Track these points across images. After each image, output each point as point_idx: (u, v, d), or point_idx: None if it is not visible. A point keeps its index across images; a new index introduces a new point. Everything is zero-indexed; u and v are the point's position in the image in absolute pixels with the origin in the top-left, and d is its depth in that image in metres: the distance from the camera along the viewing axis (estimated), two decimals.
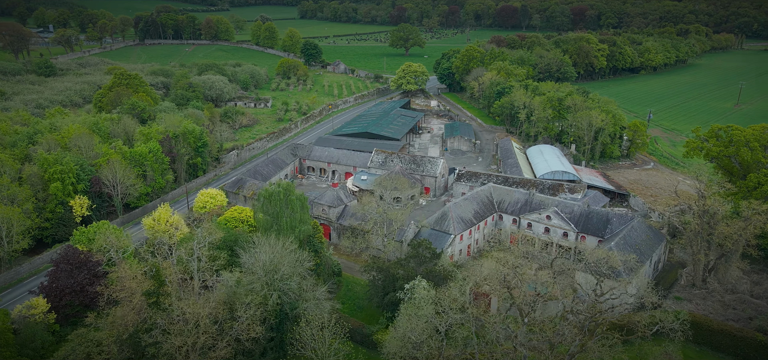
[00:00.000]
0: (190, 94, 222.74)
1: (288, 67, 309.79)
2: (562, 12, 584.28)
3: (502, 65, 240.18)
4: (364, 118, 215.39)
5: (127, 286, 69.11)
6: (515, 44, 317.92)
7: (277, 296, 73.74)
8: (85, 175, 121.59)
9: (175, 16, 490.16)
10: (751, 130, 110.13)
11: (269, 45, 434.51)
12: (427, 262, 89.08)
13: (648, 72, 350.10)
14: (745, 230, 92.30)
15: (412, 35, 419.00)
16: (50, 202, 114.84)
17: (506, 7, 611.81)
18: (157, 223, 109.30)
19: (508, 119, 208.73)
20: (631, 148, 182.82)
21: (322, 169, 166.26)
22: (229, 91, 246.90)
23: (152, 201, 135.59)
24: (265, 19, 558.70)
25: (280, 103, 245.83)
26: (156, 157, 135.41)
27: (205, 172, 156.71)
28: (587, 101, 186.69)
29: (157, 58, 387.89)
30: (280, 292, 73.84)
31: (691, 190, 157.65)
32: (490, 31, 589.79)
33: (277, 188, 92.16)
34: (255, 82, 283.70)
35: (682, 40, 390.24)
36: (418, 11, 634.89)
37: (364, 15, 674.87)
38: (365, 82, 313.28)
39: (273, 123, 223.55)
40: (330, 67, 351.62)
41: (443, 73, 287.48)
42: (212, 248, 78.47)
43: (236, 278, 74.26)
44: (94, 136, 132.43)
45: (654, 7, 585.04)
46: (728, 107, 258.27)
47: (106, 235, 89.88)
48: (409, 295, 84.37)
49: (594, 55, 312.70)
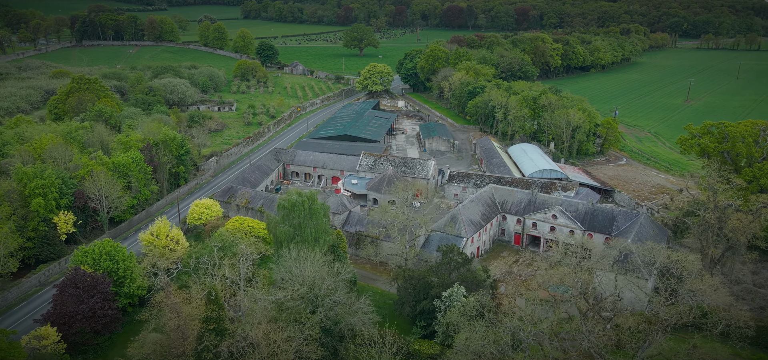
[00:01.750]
0: (151, 98, 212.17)
1: (246, 69, 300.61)
2: (507, 12, 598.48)
3: (470, 65, 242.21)
4: (337, 120, 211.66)
5: (183, 312, 62.53)
6: (475, 44, 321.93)
7: (324, 312, 70.12)
8: (68, 190, 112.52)
9: (115, 16, 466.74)
10: (743, 126, 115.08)
11: (219, 46, 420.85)
12: (459, 267, 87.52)
13: (597, 70, 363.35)
14: (752, 223, 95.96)
15: (365, 35, 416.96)
16: (32, 220, 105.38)
17: (452, 7, 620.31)
18: (156, 237, 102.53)
19: (482, 118, 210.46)
20: (605, 145, 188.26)
21: (307, 173, 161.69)
22: (192, 95, 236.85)
23: (138, 214, 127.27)
24: (210, 19, 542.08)
25: (245, 106, 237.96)
26: (139, 167, 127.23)
27: (187, 181, 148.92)
28: (562, 100, 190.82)
29: (99, 60, 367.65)
30: (328, 307, 70.23)
31: (667, 184, 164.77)
32: (438, 30, 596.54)
33: (299, 197, 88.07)
34: (214, 84, 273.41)
35: (626, 39, 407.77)
36: (365, 11, 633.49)
37: (310, 15, 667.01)
38: (327, 83, 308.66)
39: (242, 127, 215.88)
40: (287, 68, 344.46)
41: (407, 73, 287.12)
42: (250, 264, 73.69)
43: (276, 296, 70.03)
44: (72, 146, 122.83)
45: (592, 7, 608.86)
46: (679, 103, 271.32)
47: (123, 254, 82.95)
48: (448, 303, 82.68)
49: (549, 54, 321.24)
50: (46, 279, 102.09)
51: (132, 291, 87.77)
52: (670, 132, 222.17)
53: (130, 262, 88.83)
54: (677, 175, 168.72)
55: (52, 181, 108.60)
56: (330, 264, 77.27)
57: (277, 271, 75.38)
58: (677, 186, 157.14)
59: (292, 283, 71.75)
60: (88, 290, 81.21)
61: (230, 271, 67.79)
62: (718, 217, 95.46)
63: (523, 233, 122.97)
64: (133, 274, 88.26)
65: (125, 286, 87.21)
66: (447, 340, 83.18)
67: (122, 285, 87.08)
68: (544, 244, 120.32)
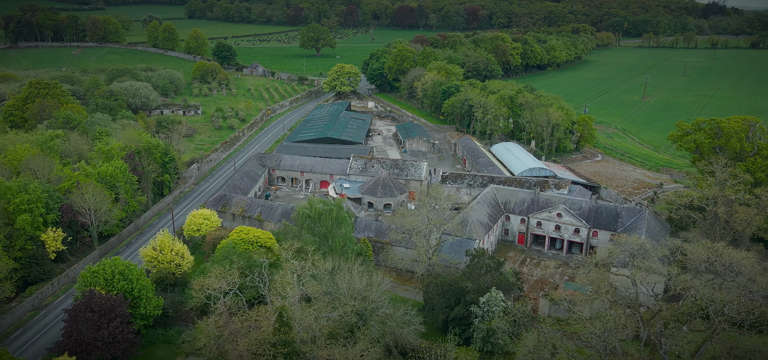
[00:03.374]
0: (113, 103, 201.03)
1: (205, 71, 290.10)
2: (457, 12, 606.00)
3: (441, 65, 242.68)
4: (313, 122, 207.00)
5: (253, 337, 56.89)
6: (439, 44, 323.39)
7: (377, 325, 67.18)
8: (55, 204, 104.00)
9: (54, 16, 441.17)
10: (734, 122, 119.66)
11: (169, 47, 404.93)
12: (491, 270, 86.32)
13: (553, 68, 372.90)
14: (757, 215, 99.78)
15: (322, 35, 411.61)
16: (18, 239, 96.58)
17: (403, 6, 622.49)
18: (160, 252, 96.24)
19: (458, 118, 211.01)
20: (581, 142, 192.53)
21: (294, 178, 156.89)
22: (155, 99, 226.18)
23: (126, 228, 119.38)
24: (155, 18, 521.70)
25: (213, 110, 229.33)
26: (126, 178, 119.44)
27: (170, 190, 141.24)
28: (539, 98, 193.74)
29: (40, 62, 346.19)
30: (380, 320, 67.31)
31: (646, 179, 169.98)
32: (390, 30, 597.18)
33: (326, 206, 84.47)
34: (175, 87, 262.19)
35: (578, 38, 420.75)
36: (315, 11, 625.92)
37: (259, 15, 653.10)
38: (291, 84, 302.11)
39: (212, 131, 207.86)
40: (246, 69, 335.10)
41: (373, 73, 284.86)
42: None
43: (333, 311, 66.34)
44: (53, 158, 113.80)
45: (538, 7, 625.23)
46: (637, 100, 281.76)
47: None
48: (486, 308, 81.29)
49: (510, 53, 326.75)
50: (40, 302, 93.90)
51: (148, 312, 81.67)
52: (635, 128, 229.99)
53: (145, 281, 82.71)
54: (653, 170, 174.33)
55: (38, 195, 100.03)
56: (369, 274, 74.33)
57: (315, 284, 71.54)
58: (656, 180, 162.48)
59: (339, 297, 68.34)
60: (106, 314, 74.87)
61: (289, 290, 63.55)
62: (727, 210, 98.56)
63: (527, 233, 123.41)
64: (148, 294, 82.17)
65: (141, 307, 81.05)
66: (486, 346, 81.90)
67: (137, 306, 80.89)
68: (548, 244, 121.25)
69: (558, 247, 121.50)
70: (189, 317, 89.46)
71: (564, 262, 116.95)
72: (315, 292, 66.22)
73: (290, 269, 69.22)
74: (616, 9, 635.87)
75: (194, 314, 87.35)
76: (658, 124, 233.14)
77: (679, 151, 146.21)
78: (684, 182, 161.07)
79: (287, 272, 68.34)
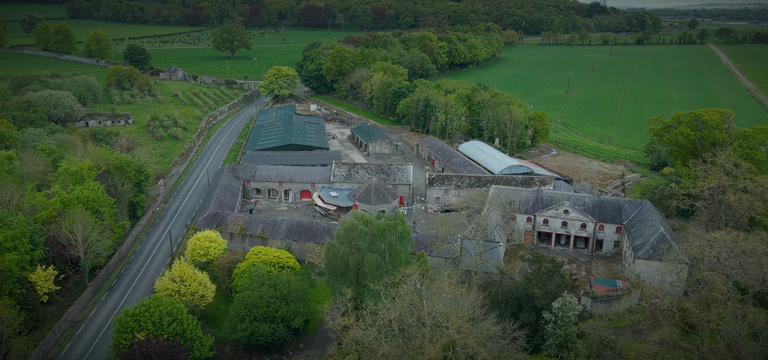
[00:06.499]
0: (33, 115, 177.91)
1: (121, 76, 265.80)
2: (364, 11, 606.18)
3: (387, 65, 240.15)
4: (267, 128, 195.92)
5: None
6: (369, 43, 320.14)
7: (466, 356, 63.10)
8: (40, 238, 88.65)
9: None
10: (713, 115, 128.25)
11: (64, 50, 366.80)
12: (553, 275, 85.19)
13: (474, 66, 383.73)
14: (756, 202, 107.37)
15: (237, 36, 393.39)
16: (6, 282, 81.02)
17: (310, 6, 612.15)
18: (182, 283, 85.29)
19: (414, 118, 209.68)
20: (537, 138, 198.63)
21: (271, 190, 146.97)
22: (79, 109, 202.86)
23: (112, 258, 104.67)
24: (36, 19, 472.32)
25: (147, 118, 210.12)
26: (107, 201, 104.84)
27: (144, 211, 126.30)
28: (496, 96, 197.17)
29: None
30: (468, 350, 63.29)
31: (605, 170, 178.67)
32: (298, 30, 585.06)
33: (386, 222, 78.63)
34: (93, 95, 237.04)
35: (492, 36, 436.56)
36: (216, 11, 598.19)
37: (154, 14, 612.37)
38: (219, 89, 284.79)
39: (153, 142, 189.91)
40: (163, 74, 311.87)
41: (309, 75, 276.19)
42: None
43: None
44: (25, 183, 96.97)
45: (442, 7, 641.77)
46: (562, 94, 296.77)
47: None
48: (560, 314, 79.92)
49: (437, 51, 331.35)
50: (45, 355, 79.12)
51: (203, 355, 71.53)
52: (573, 122, 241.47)
53: (194, 320, 72.39)
54: (608, 162, 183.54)
55: (23, 229, 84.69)
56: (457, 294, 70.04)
57: (391, 311, 65.28)
58: (615, 171, 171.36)
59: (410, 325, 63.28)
60: None
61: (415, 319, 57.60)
62: (737, 197, 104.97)
63: (533, 231, 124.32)
64: (199, 334, 72.01)
65: (195, 350, 70.78)
66: (562, 352, 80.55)
67: (191, 349, 70.55)
68: (554, 240, 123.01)
69: (563, 243, 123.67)
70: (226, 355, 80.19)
71: (572, 257, 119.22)
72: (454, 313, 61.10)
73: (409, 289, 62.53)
74: (513, 8, 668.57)
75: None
76: (591, 117, 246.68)
77: (630, 142, 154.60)
78: (640, 172, 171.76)
79: (408, 292, 61.86)
